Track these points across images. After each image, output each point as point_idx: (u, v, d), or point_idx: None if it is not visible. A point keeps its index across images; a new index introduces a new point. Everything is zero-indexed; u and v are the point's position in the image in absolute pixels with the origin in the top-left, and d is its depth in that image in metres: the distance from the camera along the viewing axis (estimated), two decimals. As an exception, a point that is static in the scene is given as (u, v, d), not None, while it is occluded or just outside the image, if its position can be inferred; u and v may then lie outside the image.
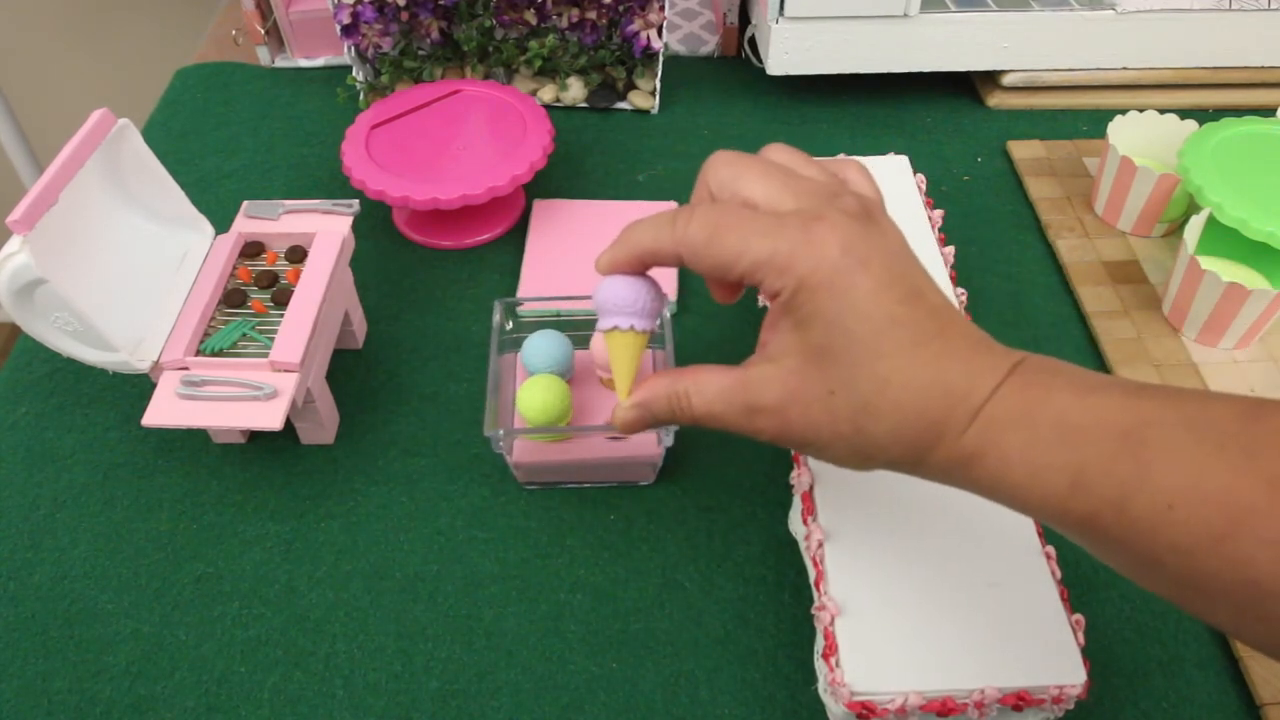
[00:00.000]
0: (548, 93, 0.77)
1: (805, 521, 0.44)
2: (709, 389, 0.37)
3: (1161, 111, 0.67)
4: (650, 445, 0.50)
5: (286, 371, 0.48)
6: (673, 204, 0.57)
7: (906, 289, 0.34)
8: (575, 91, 0.77)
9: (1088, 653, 0.40)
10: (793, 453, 0.47)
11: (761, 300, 0.56)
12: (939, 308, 0.34)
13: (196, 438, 0.54)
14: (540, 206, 0.67)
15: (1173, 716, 0.44)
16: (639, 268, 0.39)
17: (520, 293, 0.61)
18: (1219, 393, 0.31)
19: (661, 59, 0.75)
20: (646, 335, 0.41)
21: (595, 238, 0.65)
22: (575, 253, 0.64)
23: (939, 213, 0.59)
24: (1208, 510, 0.28)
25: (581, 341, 0.54)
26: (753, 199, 0.36)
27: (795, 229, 0.34)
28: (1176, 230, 0.66)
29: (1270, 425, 0.28)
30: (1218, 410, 0.29)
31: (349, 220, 0.55)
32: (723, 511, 0.51)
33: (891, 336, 0.33)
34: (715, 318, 0.61)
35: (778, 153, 0.38)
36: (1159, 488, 0.29)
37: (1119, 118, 0.66)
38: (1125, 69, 0.76)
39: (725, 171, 0.37)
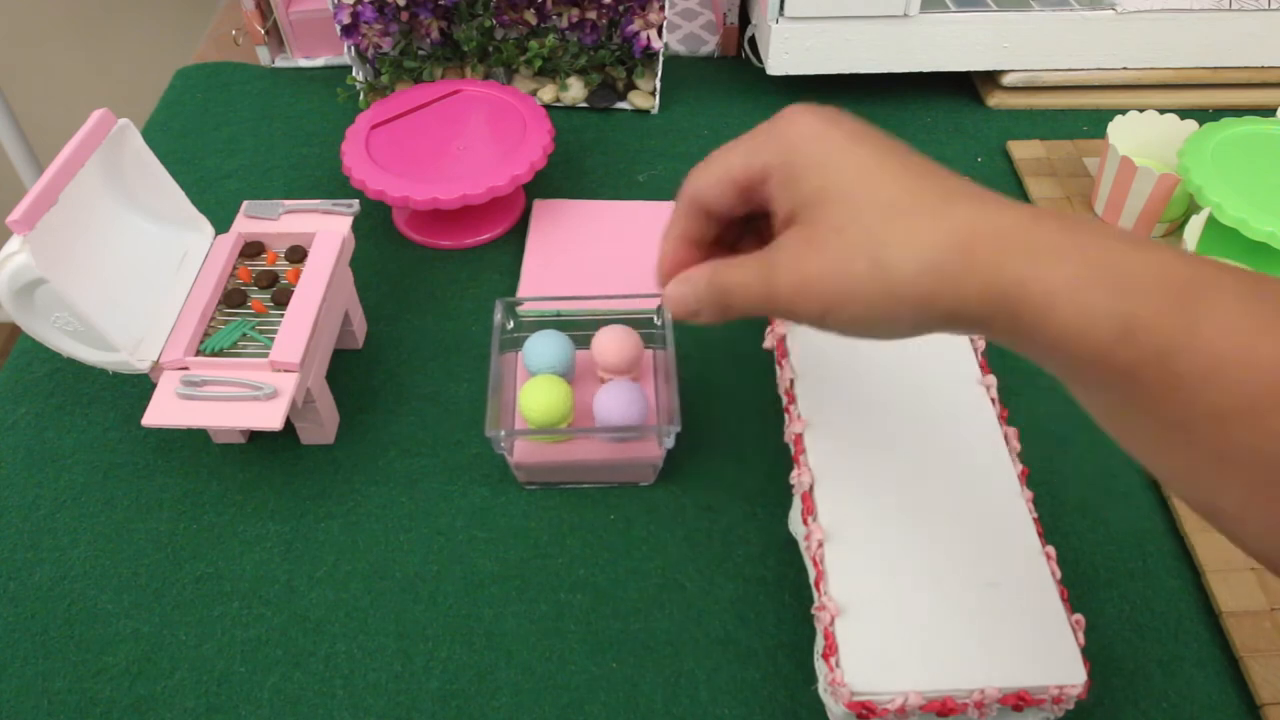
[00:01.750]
0: (548, 93, 0.77)
1: (805, 521, 0.44)
2: (731, 263, 0.37)
3: (1161, 111, 0.67)
4: (651, 446, 0.50)
5: (286, 371, 0.48)
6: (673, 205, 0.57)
7: (887, 141, 0.35)
8: (575, 91, 0.77)
9: (1088, 653, 0.40)
10: (793, 452, 0.47)
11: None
12: (932, 163, 0.34)
13: (196, 438, 0.54)
14: (540, 207, 0.67)
15: (1172, 716, 0.44)
16: (692, 231, 0.40)
17: (520, 293, 0.61)
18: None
19: (661, 59, 0.75)
20: None
21: (595, 238, 0.66)
22: (576, 253, 0.64)
23: (939, 213, 0.59)
24: (1256, 377, 0.27)
25: (583, 341, 0.54)
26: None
27: (766, 126, 0.36)
28: (1176, 230, 0.66)
29: None
30: (1271, 281, 0.28)
31: (349, 220, 0.55)
32: (723, 511, 0.51)
33: (883, 168, 0.33)
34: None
35: None
36: (1208, 349, 0.27)
37: (1119, 118, 0.66)
38: (1125, 69, 0.76)
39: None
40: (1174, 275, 0.29)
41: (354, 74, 0.75)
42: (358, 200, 0.56)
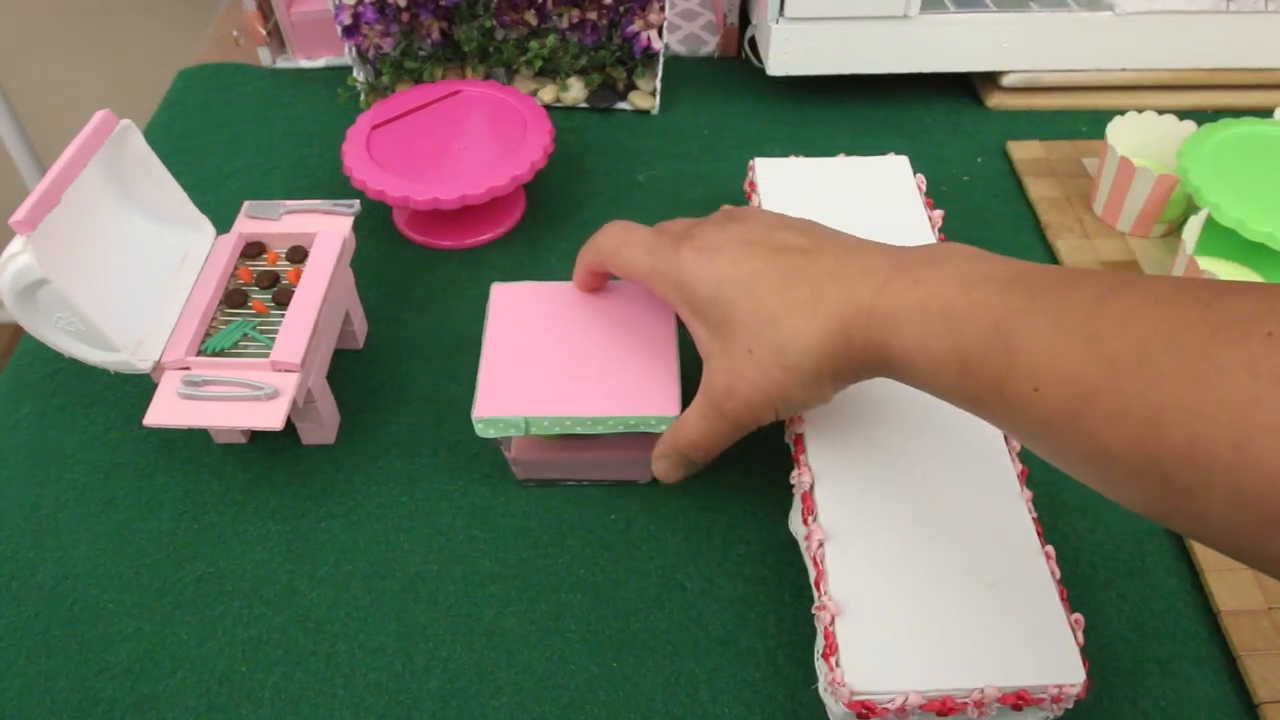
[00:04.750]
0: (548, 93, 0.78)
1: (805, 521, 0.44)
2: (688, 420, 0.45)
3: (1160, 112, 0.67)
4: (651, 441, 0.50)
5: (287, 371, 0.48)
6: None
7: (765, 250, 0.41)
8: (575, 92, 0.77)
9: (1087, 652, 0.40)
10: (793, 452, 0.48)
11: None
12: (804, 247, 0.41)
13: (198, 438, 0.55)
14: (500, 292, 0.52)
15: (1171, 715, 0.44)
16: (592, 280, 0.51)
17: (478, 408, 0.47)
18: (1086, 272, 0.34)
19: (662, 59, 0.75)
20: None
21: (564, 325, 0.51)
22: (542, 343, 0.50)
23: (939, 213, 0.59)
24: (1063, 390, 0.31)
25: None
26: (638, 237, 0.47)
27: (669, 248, 0.44)
28: (1175, 231, 0.66)
29: (1114, 307, 0.31)
30: (1075, 297, 0.32)
31: (350, 220, 0.55)
32: (723, 511, 0.51)
33: (764, 284, 0.40)
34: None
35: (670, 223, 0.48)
36: (1025, 372, 0.32)
37: (1118, 118, 0.66)
38: (1124, 70, 0.76)
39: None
40: (992, 313, 0.34)
41: (355, 75, 0.75)
42: (358, 200, 0.56)
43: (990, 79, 0.78)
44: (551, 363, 0.48)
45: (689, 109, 0.78)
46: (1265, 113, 0.75)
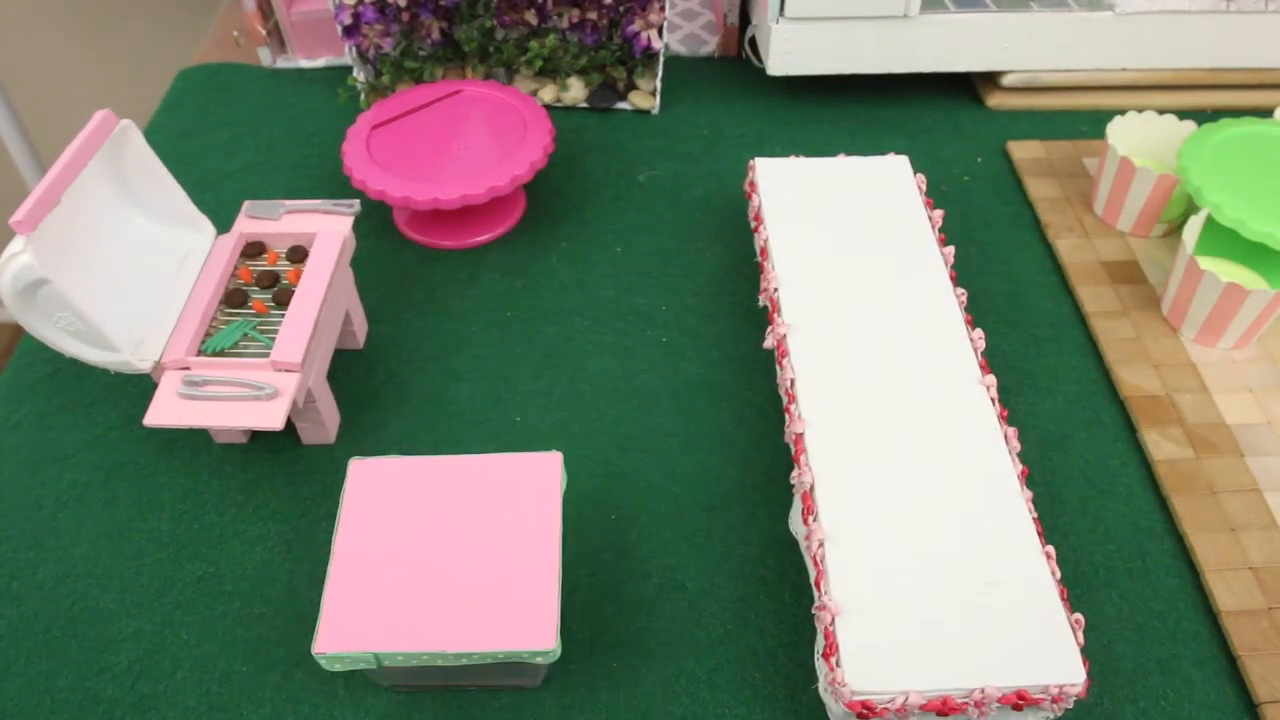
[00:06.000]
0: (548, 93, 0.78)
1: (805, 521, 0.44)
2: None
3: (1161, 112, 0.67)
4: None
5: (287, 371, 0.48)
6: (555, 454, 0.45)
7: None
8: (575, 92, 0.77)
9: (1087, 652, 0.40)
10: (793, 452, 0.48)
11: (761, 300, 0.56)
12: None
13: (198, 437, 0.55)
14: (358, 471, 0.45)
15: (1171, 715, 0.44)
16: None
17: (320, 641, 0.40)
18: None
19: (662, 59, 0.75)
20: None
21: (431, 520, 0.43)
22: (403, 546, 0.42)
23: (939, 213, 0.59)
24: None
25: None
26: None
27: None
28: (1175, 230, 0.66)
29: None
30: None
31: (350, 220, 0.55)
32: (723, 511, 0.51)
33: None
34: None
35: None
36: None
37: (1118, 118, 0.66)
38: (1124, 70, 0.76)
39: None
40: None
41: (355, 74, 0.75)
42: (358, 200, 0.56)
43: (990, 79, 0.78)
44: (411, 578, 0.41)
45: (689, 109, 0.78)
46: (1265, 112, 0.75)
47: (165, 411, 0.47)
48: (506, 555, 0.42)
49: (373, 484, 0.45)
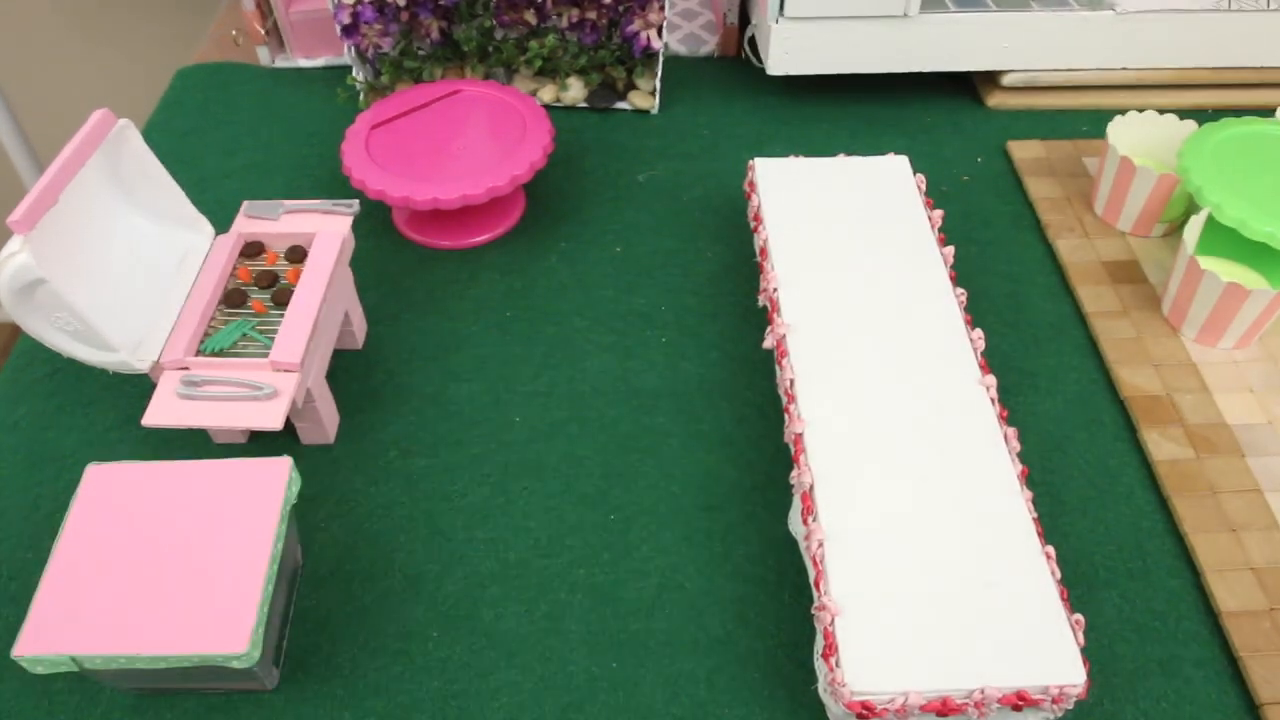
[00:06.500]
0: (548, 93, 0.77)
1: (805, 521, 0.44)
2: None
3: (1161, 112, 0.67)
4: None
5: (286, 371, 0.48)
6: (285, 459, 0.45)
7: None
8: (575, 91, 0.77)
9: (1088, 653, 0.40)
10: (793, 452, 0.47)
11: (761, 301, 0.56)
12: None
13: (197, 437, 0.54)
14: (93, 477, 0.45)
15: (1172, 716, 0.44)
16: None
17: (21, 643, 0.39)
18: None
19: (661, 59, 0.75)
20: None
21: (154, 527, 0.43)
22: (119, 551, 0.42)
23: (939, 213, 0.59)
24: None
25: None
26: None
27: None
28: (1176, 230, 0.66)
29: None
30: None
31: (349, 220, 0.55)
32: (723, 511, 0.51)
33: None
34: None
35: None
36: None
37: (1119, 118, 0.66)
38: (1125, 69, 0.76)
39: None
40: None
41: (354, 74, 0.75)
42: (358, 200, 0.56)
43: (990, 79, 0.78)
44: (120, 582, 0.41)
45: (689, 109, 0.78)
46: (1266, 112, 0.75)
47: (164, 412, 0.47)
48: (216, 560, 0.42)
49: (106, 489, 0.44)
